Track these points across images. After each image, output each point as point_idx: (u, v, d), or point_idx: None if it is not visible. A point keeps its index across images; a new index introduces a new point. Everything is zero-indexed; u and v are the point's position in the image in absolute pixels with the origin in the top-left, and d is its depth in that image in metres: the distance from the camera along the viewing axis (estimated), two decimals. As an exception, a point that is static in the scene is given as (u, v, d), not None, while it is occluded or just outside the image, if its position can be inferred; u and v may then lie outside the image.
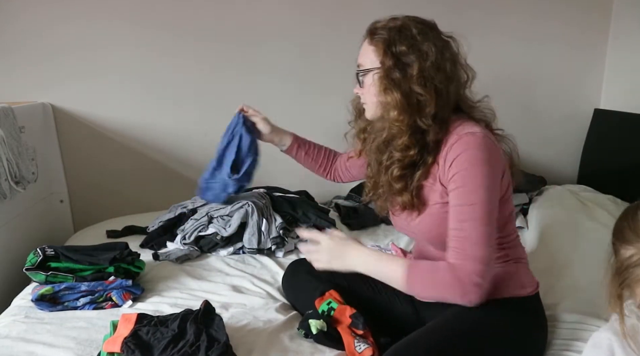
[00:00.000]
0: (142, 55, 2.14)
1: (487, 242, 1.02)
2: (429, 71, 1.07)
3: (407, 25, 1.10)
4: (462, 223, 1.04)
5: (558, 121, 2.60)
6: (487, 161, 1.04)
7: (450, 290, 1.03)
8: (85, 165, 2.19)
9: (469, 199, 1.04)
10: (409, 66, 1.08)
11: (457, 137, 1.07)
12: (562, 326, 1.30)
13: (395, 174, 1.13)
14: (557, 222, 1.93)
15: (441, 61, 1.09)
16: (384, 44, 1.10)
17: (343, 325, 1.19)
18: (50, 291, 1.35)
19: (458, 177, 1.05)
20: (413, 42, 1.08)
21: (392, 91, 1.09)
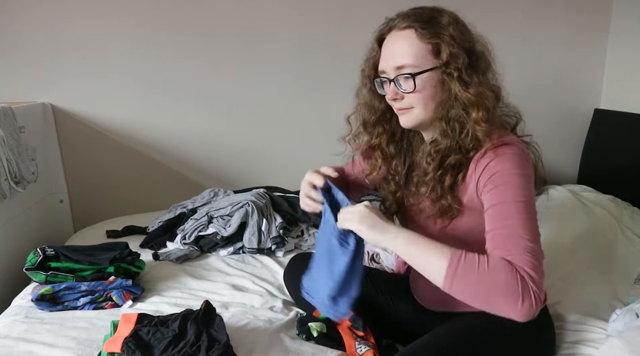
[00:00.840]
0: (142, 55, 2.14)
1: (535, 236, 0.89)
2: (489, 62, 1.02)
3: (455, 18, 1.02)
4: (505, 220, 0.90)
5: (558, 121, 2.60)
6: (523, 168, 0.95)
7: (505, 290, 0.84)
8: (85, 165, 2.19)
9: (512, 196, 0.91)
10: (480, 58, 1.00)
11: (492, 144, 0.97)
12: (565, 327, 1.30)
13: (448, 183, 1.01)
14: (557, 222, 1.93)
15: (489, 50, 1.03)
16: (449, 39, 0.97)
17: (344, 327, 1.19)
18: (50, 291, 1.35)
19: (497, 177, 0.94)
20: (469, 34, 1.01)
21: (476, 87, 0.97)
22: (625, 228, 1.87)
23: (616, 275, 1.60)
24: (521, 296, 0.83)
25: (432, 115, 1.02)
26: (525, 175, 0.94)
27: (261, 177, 2.32)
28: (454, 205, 1.01)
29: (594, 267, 1.64)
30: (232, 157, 2.34)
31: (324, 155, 2.39)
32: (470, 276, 0.86)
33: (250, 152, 2.34)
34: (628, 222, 1.92)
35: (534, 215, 0.92)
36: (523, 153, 0.97)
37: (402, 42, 1.00)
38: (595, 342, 1.22)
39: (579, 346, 1.21)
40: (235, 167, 2.35)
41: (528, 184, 0.94)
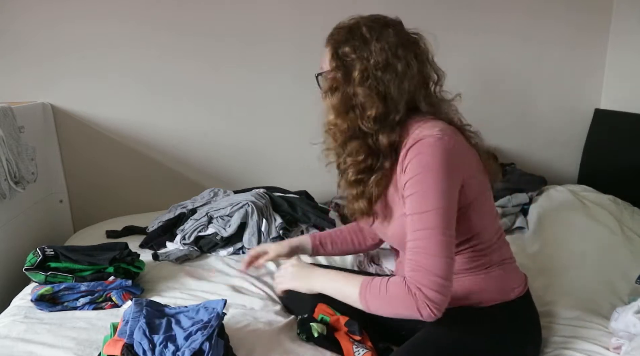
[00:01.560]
0: (142, 55, 2.14)
1: (443, 252, 0.95)
2: (373, 72, 1.03)
3: (358, 25, 1.08)
4: (416, 232, 0.98)
5: (558, 121, 2.60)
6: (442, 165, 0.97)
7: (403, 305, 0.96)
8: (85, 165, 2.19)
9: (422, 207, 0.97)
10: (352, 68, 1.04)
11: (413, 141, 1.01)
12: (561, 322, 1.30)
13: (350, 178, 1.10)
14: (557, 222, 1.93)
15: (391, 59, 1.03)
16: (333, 46, 1.09)
17: (340, 333, 1.19)
18: (49, 292, 1.35)
19: (410, 184, 0.99)
20: (358, 43, 1.05)
21: (332, 94, 1.07)
22: (625, 228, 1.87)
23: (616, 274, 1.60)
24: (417, 308, 0.95)
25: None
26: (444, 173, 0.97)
27: (261, 177, 2.32)
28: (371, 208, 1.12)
29: (594, 267, 1.64)
30: (232, 157, 2.34)
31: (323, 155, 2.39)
32: (377, 299, 1.01)
33: (250, 152, 2.34)
34: (628, 222, 1.91)
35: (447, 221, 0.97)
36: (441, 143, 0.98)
37: None
38: (594, 338, 1.22)
39: (578, 341, 1.22)
40: (235, 167, 2.35)
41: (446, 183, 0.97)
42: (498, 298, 1.11)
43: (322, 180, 1.95)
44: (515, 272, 1.18)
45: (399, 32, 1.06)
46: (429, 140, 0.98)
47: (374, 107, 1.03)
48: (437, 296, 0.94)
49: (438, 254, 0.95)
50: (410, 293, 0.96)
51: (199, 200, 2.03)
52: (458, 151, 1.01)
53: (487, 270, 1.12)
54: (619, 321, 1.21)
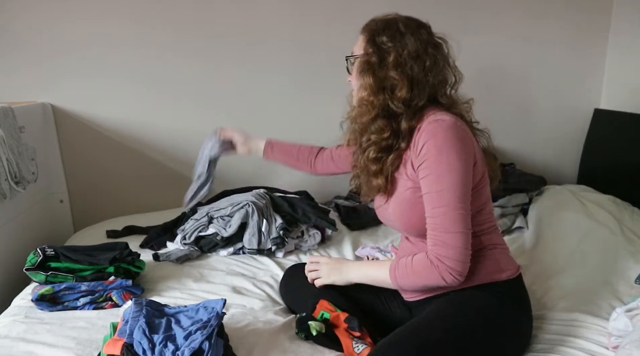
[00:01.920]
0: (142, 55, 2.14)
1: (460, 226, 1.07)
2: (406, 59, 1.13)
3: (395, 20, 1.17)
4: (434, 209, 1.09)
5: (558, 121, 2.60)
6: (454, 145, 1.08)
7: (428, 276, 1.10)
8: (85, 165, 2.19)
9: (438, 185, 1.08)
10: (387, 53, 1.15)
11: (427, 124, 1.12)
12: (560, 323, 1.30)
13: (371, 156, 1.19)
14: (557, 222, 1.93)
15: (422, 54, 1.14)
16: (370, 33, 1.18)
17: (340, 329, 1.19)
18: (50, 291, 1.35)
19: (426, 164, 1.10)
20: (395, 34, 1.15)
21: (367, 74, 1.16)
22: (625, 228, 1.87)
23: (616, 275, 1.60)
24: (441, 277, 1.09)
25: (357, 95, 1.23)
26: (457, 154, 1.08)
27: (261, 177, 2.32)
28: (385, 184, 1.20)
29: (594, 267, 1.64)
30: (232, 156, 2.33)
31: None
32: (405, 276, 1.16)
33: (251, 152, 2.34)
34: (628, 222, 1.92)
35: (463, 198, 1.08)
36: (455, 127, 1.10)
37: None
38: (592, 338, 1.23)
39: (575, 339, 1.22)
40: (235, 167, 2.35)
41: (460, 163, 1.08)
42: (487, 278, 1.16)
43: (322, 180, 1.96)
44: (507, 257, 1.23)
45: (429, 33, 1.18)
46: (443, 123, 1.10)
47: (403, 89, 1.13)
48: (457, 263, 1.07)
49: (454, 229, 1.07)
50: (433, 265, 1.09)
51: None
52: (468, 136, 1.13)
53: (479, 251, 1.17)
54: (618, 321, 1.21)
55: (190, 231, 1.77)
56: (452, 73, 1.20)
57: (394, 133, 1.16)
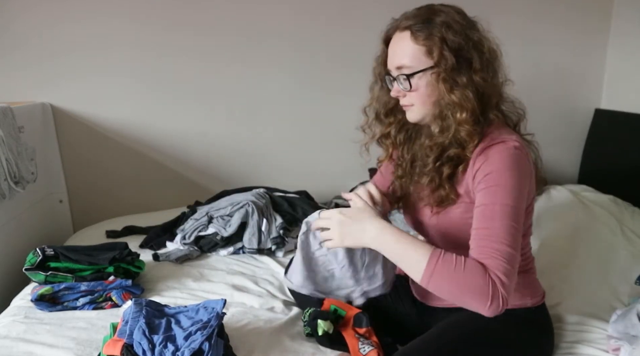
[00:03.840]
0: (142, 55, 2.14)
1: (514, 242, 0.94)
2: (488, 60, 1.03)
3: (454, 17, 1.03)
4: (490, 221, 0.95)
5: (559, 121, 2.60)
6: (518, 168, 0.98)
7: (477, 289, 0.90)
8: (85, 165, 2.18)
9: (500, 198, 0.96)
10: (471, 60, 1.01)
11: (491, 141, 1.01)
12: (565, 328, 1.30)
13: (446, 173, 1.06)
14: (557, 222, 1.93)
15: (493, 49, 1.05)
16: (440, 42, 1.00)
17: (347, 329, 1.19)
18: (49, 292, 1.34)
19: (490, 178, 0.98)
20: (466, 34, 1.02)
21: (461, 91, 1.00)
22: (625, 228, 1.87)
23: (616, 275, 1.60)
24: (490, 298, 0.89)
25: (431, 112, 1.07)
26: (518, 177, 0.98)
27: (261, 177, 2.32)
28: (451, 195, 1.07)
29: (594, 267, 1.64)
30: (232, 157, 2.34)
31: (324, 155, 2.40)
32: (446, 276, 0.92)
33: (251, 152, 2.34)
34: (629, 222, 1.91)
35: (519, 219, 0.97)
36: (520, 153, 1.00)
37: (400, 43, 1.06)
38: (595, 342, 1.22)
39: (579, 346, 1.22)
40: (235, 167, 2.35)
41: (520, 186, 0.98)
42: (517, 302, 1.12)
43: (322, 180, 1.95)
44: (536, 283, 1.20)
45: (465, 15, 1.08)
46: (509, 144, 0.99)
47: (497, 94, 1.05)
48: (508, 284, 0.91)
49: (511, 243, 0.93)
50: (489, 279, 0.90)
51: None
52: (530, 166, 1.03)
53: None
54: (618, 323, 1.21)
55: (189, 231, 1.76)
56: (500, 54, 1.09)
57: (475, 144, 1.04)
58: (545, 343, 1.16)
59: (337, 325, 1.20)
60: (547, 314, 1.19)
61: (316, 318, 1.18)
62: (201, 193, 2.21)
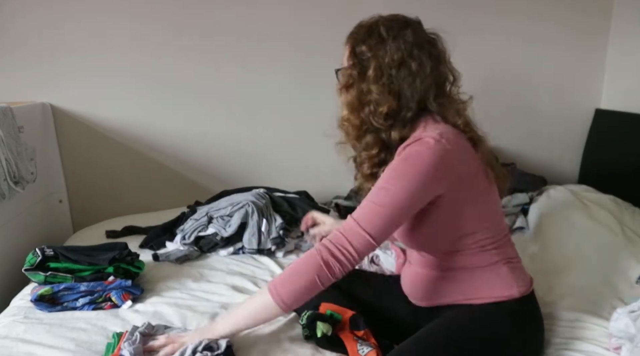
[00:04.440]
0: (141, 55, 2.14)
1: (372, 226, 1.01)
2: (387, 70, 1.07)
3: (377, 24, 1.10)
4: (364, 201, 1.05)
5: (559, 121, 2.60)
6: (420, 163, 1.01)
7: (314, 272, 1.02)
8: (85, 165, 2.18)
9: (384, 184, 1.03)
10: (367, 65, 1.08)
11: (412, 139, 1.05)
12: (561, 324, 1.30)
13: (365, 172, 1.15)
14: (557, 222, 1.93)
15: (406, 59, 1.06)
16: (351, 44, 1.12)
17: (345, 331, 1.18)
18: (49, 292, 1.34)
19: (387, 168, 1.06)
20: (375, 42, 1.08)
21: (348, 90, 1.11)
22: (626, 228, 1.87)
23: (617, 275, 1.60)
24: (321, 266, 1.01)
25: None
26: (416, 170, 1.01)
27: (261, 177, 2.31)
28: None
29: (594, 267, 1.64)
30: (232, 157, 2.34)
31: (324, 155, 2.39)
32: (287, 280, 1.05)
33: (251, 152, 2.34)
34: (629, 222, 1.91)
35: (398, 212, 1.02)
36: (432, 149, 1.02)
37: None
38: (595, 339, 1.22)
39: (579, 342, 1.22)
40: (235, 167, 2.35)
41: (414, 178, 1.01)
42: (503, 294, 1.13)
43: (322, 180, 1.95)
44: (521, 272, 1.19)
45: (416, 32, 1.10)
46: (425, 140, 1.02)
47: (386, 104, 1.07)
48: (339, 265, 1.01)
49: (367, 229, 1.01)
50: (314, 253, 1.03)
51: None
52: (452, 156, 1.04)
53: (492, 266, 1.13)
54: (619, 321, 1.21)
55: (189, 231, 1.76)
56: (447, 69, 1.12)
57: (385, 147, 1.11)
58: (535, 331, 1.17)
59: (335, 329, 1.20)
60: (535, 302, 1.19)
61: (315, 320, 1.17)
62: (201, 193, 2.21)
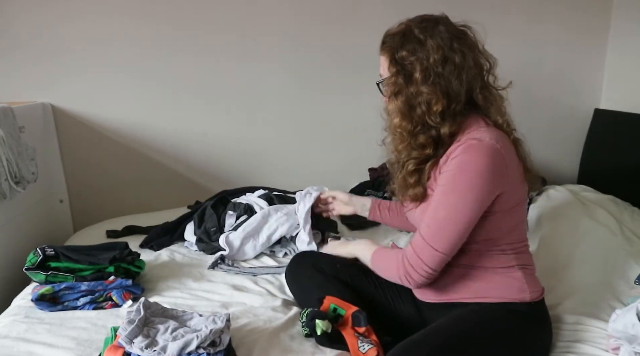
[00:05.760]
0: (142, 55, 2.14)
1: (440, 242, 1.07)
2: (434, 70, 1.08)
3: (409, 28, 1.12)
4: (428, 218, 1.10)
5: (558, 121, 2.60)
6: (482, 172, 1.05)
7: (394, 270, 1.15)
8: (85, 165, 2.19)
9: (445, 198, 1.08)
10: (412, 69, 1.10)
11: (467, 139, 1.08)
12: (563, 327, 1.30)
13: (410, 169, 1.16)
14: (557, 222, 1.93)
15: (448, 54, 1.08)
16: (389, 52, 1.13)
17: (347, 328, 1.19)
18: (50, 291, 1.34)
19: (446, 176, 1.08)
20: (414, 45, 1.10)
21: (396, 98, 1.12)
22: (625, 228, 1.87)
23: (616, 275, 1.60)
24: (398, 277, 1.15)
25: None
26: (472, 177, 1.05)
27: (261, 177, 2.32)
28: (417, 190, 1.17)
29: (593, 268, 1.64)
30: (232, 156, 2.34)
31: (324, 155, 2.40)
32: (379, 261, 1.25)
33: (251, 151, 2.34)
34: (628, 222, 1.91)
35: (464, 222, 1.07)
36: (483, 153, 1.05)
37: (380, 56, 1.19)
38: (595, 341, 1.22)
39: (578, 345, 1.21)
40: (235, 167, 2.35)
41: (472, 186, 1.05)
42: (514, 297, 1.14)
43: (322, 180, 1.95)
44: (534, 279, 1.21)
45: (448, 26, 1.12)
46: (483, 143, 1.06)
47: (439, 102, 1.08)
48: (419, 277, 1.11)
49: (437, 247, 1.08)
50: (402, 263, 1.13)
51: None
52: (506, 163, 1.08)
53: (508, 269, 1.15)
54: (618, 322, 1.21)
55: None
56: (484, 58, 1.15)
57: (435, 144, 1.13)
58: (542, 336, 1.17)
59: (337, 324, 1.20)
60: (545, 309, 1.20)
61: (314, 318, 1.18)
62: (201, 193, 2.22)
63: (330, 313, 1.21)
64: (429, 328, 1.11)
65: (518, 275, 1.16)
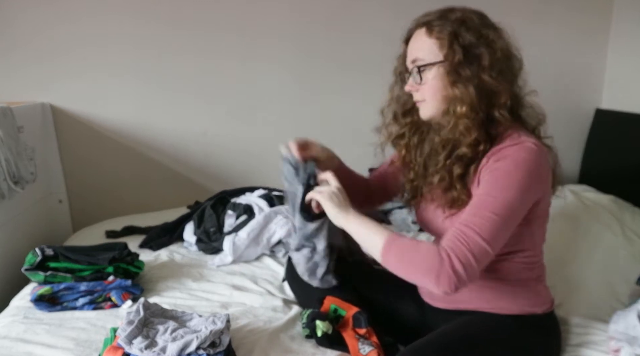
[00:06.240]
0: (141, 55, 2.14)
1: (489, 234, 0.94)
2: (501, 60, 1.04)
3: (469, 16, 1.06)
4: (475, 209, 0.97)
5: (559, 121, 2.57)
6: (528, 169, 0.98)
7: (426, 265, 0.95)
8: (84, 165, 2.18)
9: (498, 193, 0.96)
10: (480, 57, 1.02)
11: (512, 141, 1.01)
12: (567, 329, 1.29)
13: (457, 172, 1.05)
14: (557, 222, 1.92)
15: (507, 50, 1.06)
16: (450, 36, 1.03)
17: (347, 329, 1.18)
18: (49, 292, 1.34)
19: (497, 171, 0.99)
20: (480, 33, 1.04)
21: (463, 85, 1.02)
22: (626, 228, 1.86)
23: (617, 275, 1.59)
24: (437, 274, 0.93)
25: (440, 108, 1.07)
26: (525, 177, 0.98)
27: (261, 177, 2.31)
28: (462, 196, 1.05)
29: (594, 268, 1.64)
30: (232, 156, 2.34)
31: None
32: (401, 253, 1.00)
33: (250, 151, 2.34)
34: (629, 223, 1.91)
35: (508, 216, 0.96)
36: (536, 154, 1.00)
37: (417, 38, 1.08)
38: (597, 344, 1.22)
39: (582, 348, 1.21)
40: (235, 167, 2.34)
41: (523, 186, 0.97)
42: (527, 310, 1.12)
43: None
44: (548, 292, 1.19)
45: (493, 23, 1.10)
46: (529, 146, 1.00)
47: (506, 94, 1.03)
48: (465, 276, 0.92)
49: (489, 239, 0.94)
50: (441, 259, 0.93)
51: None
52: (546, 170, 1.04)
53: (525, 282, 1.13)
54: (619, 323, 1.21)
55: None
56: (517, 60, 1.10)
57: (485, 143, 1.04)
58: (551, 346, 1.16)
59: (337, 325, 1.19)
60: (555, 320, 1.19)
61: (314, 319, 1.17)
62: (201, 193, 2.21)
63: (330, 314, 1.21)
64: (433, 335, 1.07)
65: (533, 287, 1.14)
